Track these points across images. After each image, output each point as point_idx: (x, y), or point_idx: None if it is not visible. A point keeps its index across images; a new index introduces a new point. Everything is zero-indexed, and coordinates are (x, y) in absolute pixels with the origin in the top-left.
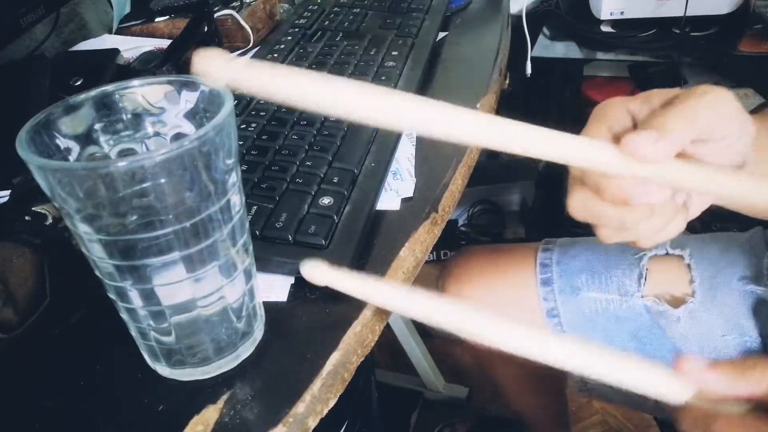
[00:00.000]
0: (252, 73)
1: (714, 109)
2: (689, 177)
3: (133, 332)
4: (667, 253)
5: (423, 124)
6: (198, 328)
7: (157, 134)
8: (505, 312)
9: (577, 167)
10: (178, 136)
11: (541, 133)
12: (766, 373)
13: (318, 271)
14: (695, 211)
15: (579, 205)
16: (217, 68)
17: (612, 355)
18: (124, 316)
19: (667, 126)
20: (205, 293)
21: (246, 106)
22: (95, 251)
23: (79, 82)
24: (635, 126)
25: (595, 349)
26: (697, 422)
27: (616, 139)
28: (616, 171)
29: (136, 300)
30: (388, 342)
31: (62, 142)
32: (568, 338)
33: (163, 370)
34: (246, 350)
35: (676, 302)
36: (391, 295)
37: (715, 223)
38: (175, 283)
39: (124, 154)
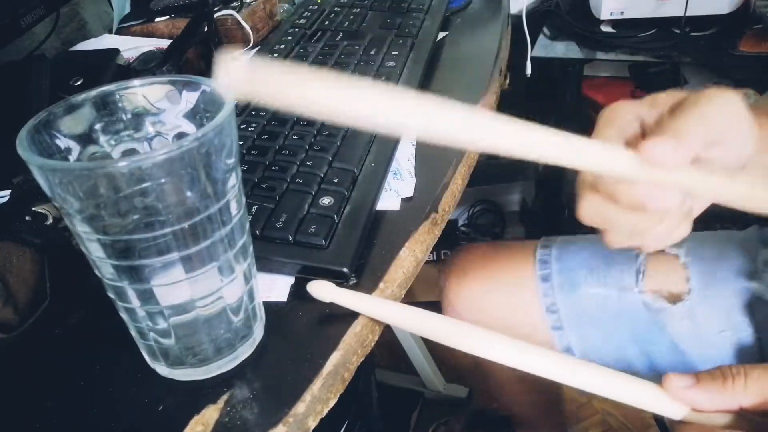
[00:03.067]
0: (270, 81)
1: (725, 113)
2: (705, 182)
3: (133, 332)
4: (663, 251)
5: (436, 131)
6: (197, 329)
7: (157, 134)
8: (505, 312)
9: (589, 172)
10: (178, 136)
11: (558, 138)
12: (748, 382)
13: (324, 290)
14: (697, 212)
15: (591, 211)
16: (239, 77)
17: (609, 374)
18: (123, 315)
19: (682, 131)
20: (204, 294)
21: (246, 106)
22: (94, 251)
23: (79, 82)
24: (644, 130)
25: (594, 367)
26: None
27: (628, 143)
28: (633, 176)
29: (134, 300)
30: (388, 342)
31: (62, 142)
32: (567, 357)
33: (162, 369)
34: (246, 351)
35: (674, 298)
36: (397, 313)
37: (714, 223)
38: (173, 284)
39: (124, 154)
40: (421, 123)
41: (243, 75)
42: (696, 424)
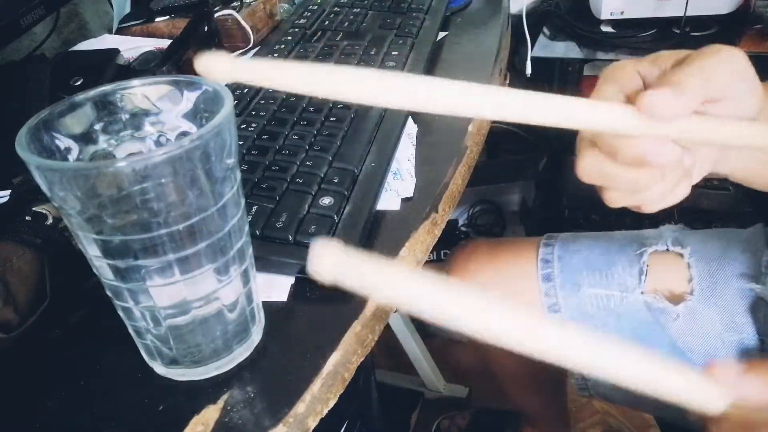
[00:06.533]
0: (255, 67)
1: (727, 67)
2: (706, 131)
3: (130, 330)
4: (667, 250)
5: (431, 101)
6: (194, 329)
7: (157, 134)
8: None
9: (588, 130)
10: (178, 136)
11: (555, 101)
12: None
13: (329, 255)
14: (697, 176)
15: (590, 167)
16: (220, 65)
17: (640, 357)
18: (121, 314)
19: (683, 83)
20: (200, 295)
21: (246, 106)
22: (92, 250)
23: (79, 82)
24: (646, 87)
25: (620, 348)
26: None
27: (629, 100)
28: (633, 131)
29: (130, 299)
30: (388, 342)
31: (62, 142)
32: (590, 334)
33: (159, 369)
34: (244, 351)
35: (676, 299)
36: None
37: (716, 222)
38: (169, 284)
39: (124, 154)
40: (425, 94)
41: (225, 63)
42: (738, 418)
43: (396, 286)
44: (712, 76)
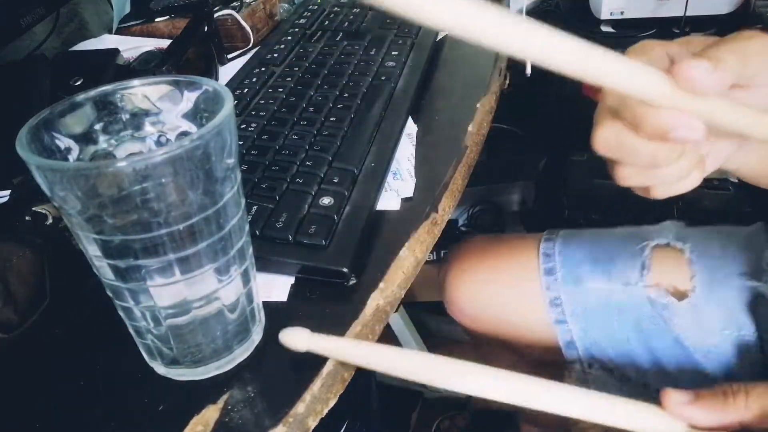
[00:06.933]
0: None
1: (763, 54)
2: (733, 115)
3: (131, 330)
4: (668, 244)
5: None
6: (194, 329)
7: (157, 134)
8: (508, 308)
9: (612, 97)
10: (178, 136)
11: (589, 49)
12: (750, 399)
13: (298, 338)
14: (710, 167)
15: (609, 137)
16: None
17: (605, 400)
18: (121, 314)
19: (721, 59)
20: (200, 295)
21: (246, 106)
22: (92, 250)
23: (79, 82)
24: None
25: (587, 394)
26: None
27: None
28: (663, 100)
29: (130, 299)
30: (388, 342)
31: (62, 142)
32: (559, 385)
33: (159, 368)
34: (244, 351)
35: (678, 294)
36: (375, 356)
37: (716, 222)
38: (170, 284)
39: (124, 154)
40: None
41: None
42: None
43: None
44: (748, 60)
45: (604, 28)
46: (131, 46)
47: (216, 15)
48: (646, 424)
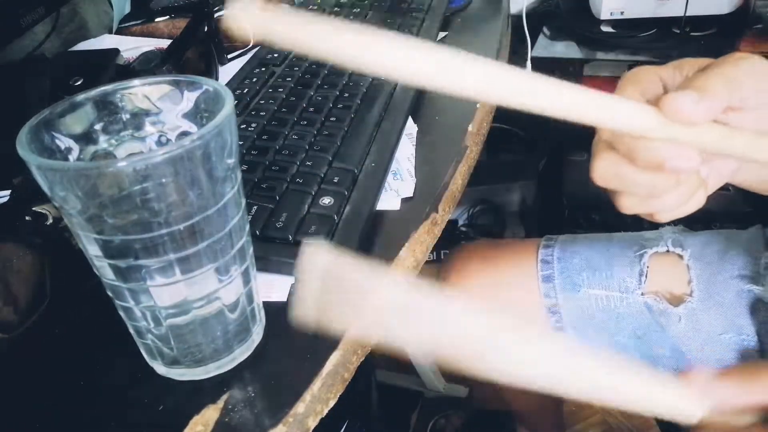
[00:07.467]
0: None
1: (752, 76)
2: (726, 140)
3: (131, 330)
4: (667, 251)
5: (454, 81)
6: (194, 329)
7: (157, 134)
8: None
9: (607, 130)
10: (178, 136)
11: (577, 94)
12: None
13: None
14: (713, 186)
15: (606, 169)
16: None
17: (617, 367)
18: (122, 314)
19: (708, 88)
20: (201, 295)
21: (246, 106)
22: (93, 250)
23: (79, 82)
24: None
25: (599, 359)
26: None
27: (649, 104)
28: (652, 133)
29: (131, 299)
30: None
31: (62, 142)
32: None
33: (160, 368)
34: (245, 351)
35: (676, 300)
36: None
37: (715, 222)
38: (170, 284)
39: (124, 154)
40: (438, 71)
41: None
42: (717, 425)
43: None
44: (736, 85)
45: (604, 28)
46: (131, 46)
47: (216, 15)
48: (667, 401)
